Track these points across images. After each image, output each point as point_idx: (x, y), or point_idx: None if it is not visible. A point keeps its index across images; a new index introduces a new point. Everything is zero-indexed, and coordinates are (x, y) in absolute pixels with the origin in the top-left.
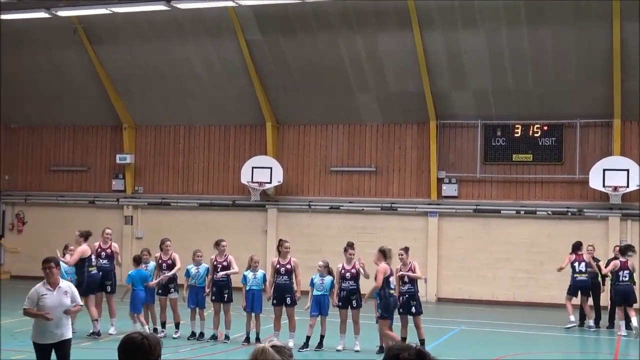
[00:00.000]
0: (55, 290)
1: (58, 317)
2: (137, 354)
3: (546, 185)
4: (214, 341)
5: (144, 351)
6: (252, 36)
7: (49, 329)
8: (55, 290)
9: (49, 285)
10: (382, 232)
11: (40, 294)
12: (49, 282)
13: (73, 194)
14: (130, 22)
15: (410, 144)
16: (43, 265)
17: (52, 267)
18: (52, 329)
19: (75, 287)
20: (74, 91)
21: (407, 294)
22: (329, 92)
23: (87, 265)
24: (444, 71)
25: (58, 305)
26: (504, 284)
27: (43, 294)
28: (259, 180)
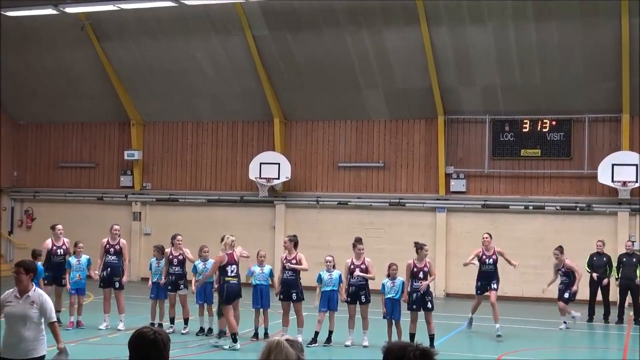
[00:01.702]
0: (22, 299)
1: (19, 329)
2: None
3: (554, 181)
4: (222, 337)
5: (158, 347)
6: (260, 32)
7: (13, 342)
8: (22, 299)
9: (18, 292)
10: (390, 228)
11: (6, 300)
12: (18, 289)
13: (81, 191)
14: (138, 19)
15: (418, 139)
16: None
17: (20, 272)
18: (15, 342)
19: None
20: (81, 88)
21: (419, 291)
22: (337, 88)
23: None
24: (452, 67)
25: (20, 316)
26: (512, 280)
27: (9, 302)
28: (267, 176)
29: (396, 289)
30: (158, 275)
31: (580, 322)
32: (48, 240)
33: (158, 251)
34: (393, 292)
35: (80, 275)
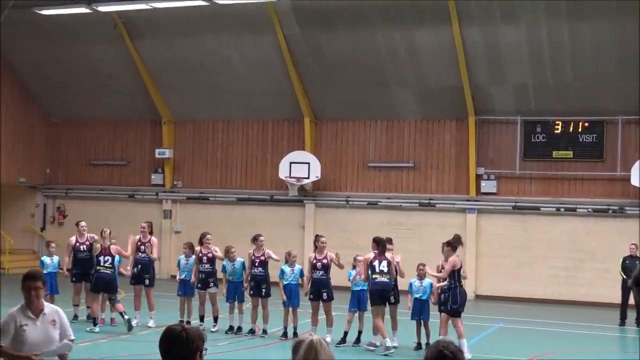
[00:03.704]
0: (40, 319)
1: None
2: (174, 344)
3: (587, 183)
4: (252, 335)
5: (181, 342)
6: (290, 31)
7: None
8: (39, 319)
9: (30, 311)
10: (420, 229)
11: (19, 324)
12: (30, 307)
13: (113, 188)
14: (170, 17)
15: (449, 139)
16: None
17: (38, 288)
18: None
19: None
20: (114, 86)
21: (448, 291)
22: (367, 87)
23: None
24: (483, 66)
25: (44, 340)
26: (543, 282)
27: (23, 325)
28: (297, 176)
29: (424, 289)
30: (186, 272)
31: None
32: (72, 237)
33: (188, 248)
34: (421, 292)
35: None
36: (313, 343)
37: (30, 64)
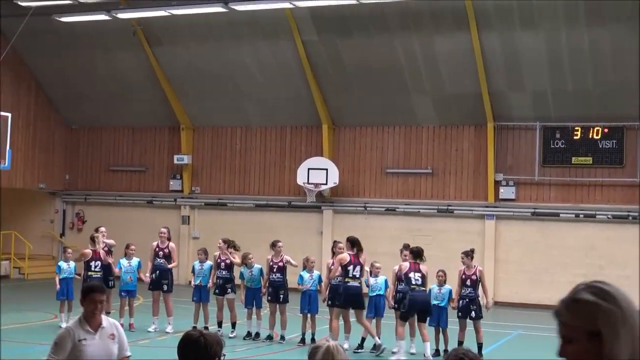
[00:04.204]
0: (98, 333)
1: None
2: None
3: (606, 189)
4: (269, 341)
5: (199, 347)
6: (309, 37)
7: None
8: (97, 333)
9: (89, 325)
10: (439, 235)
11: (77, 338)
12: (90, 321)
13: (131, 194)
14: (188, 24)
15: (467, 145)
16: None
17: (103, 301)
18: None
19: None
20: (132, 92)
21: (467, 298)
22: (385, 94)
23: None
24: (502, 72)
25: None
26: (562, 288)
27: (82, 339)
28: (315, 182)
29: (443, 296)
30: (201, 278)
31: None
32: None
33: (203, 254)
34: (440, 299)
35: (131, 277)
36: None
37: (49, 71)
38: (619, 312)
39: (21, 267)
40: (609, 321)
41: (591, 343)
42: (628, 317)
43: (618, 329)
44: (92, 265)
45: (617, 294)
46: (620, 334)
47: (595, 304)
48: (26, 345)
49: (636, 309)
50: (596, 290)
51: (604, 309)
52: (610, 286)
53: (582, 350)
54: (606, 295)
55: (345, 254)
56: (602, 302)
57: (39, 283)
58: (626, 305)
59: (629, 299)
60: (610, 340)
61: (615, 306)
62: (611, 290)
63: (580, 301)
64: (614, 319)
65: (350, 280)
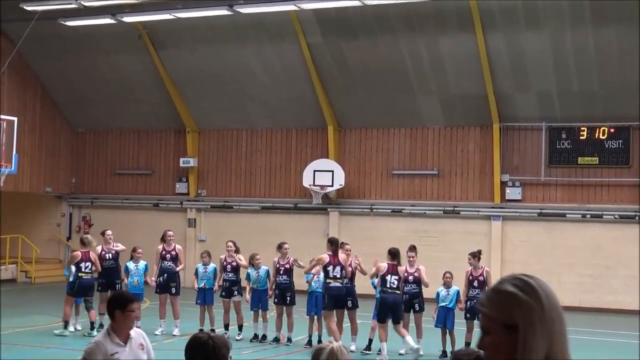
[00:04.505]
0: (128, 345)
1: None
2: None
3: (613, 189)
4: (276, 344)
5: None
6: (314, 39)
7: None
8: (127, 345)
9: (118, 337)
10: (445, 236)
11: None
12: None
13: (138, 197)
14: (193, 27)
15: (473, 146)
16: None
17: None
18: None
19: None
20: (138, 95)
21: (474, 299)
22: (391, 95)
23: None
24: (507, 73)
25: None
26: (569, 289)
27: (113, 353)
28: (321, 184)
29: (450, 297)
30: (206, 281)
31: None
32: (98, 246)
33: (208, 256)
34: (447, 301)
35: (139, 280)
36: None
37: (55, 75)
38: (538, 306)
39: (28, 270)
40: (525, 314)
41: (508, 336)
42: (547, 312)
43: (534, 323)
44: (83, 266)
45: (540, 288)
46: (536, 329)
47: (514, 296)
48: (32, 348)
49: (558, 306)
50: (519, 282)
51: (522, 301)
52: (535, 280)
53: (498, 343)
54: (527, 287)
55: (325, 254)
56: (521, 295)
57: (46, 287)
58: (547, 300)
59: (553, 294)
60: (525, 334)
61: (535, 300)
62: (534, 284)
63: (501, 292)
64: (531, 312)
65: (331, 281)
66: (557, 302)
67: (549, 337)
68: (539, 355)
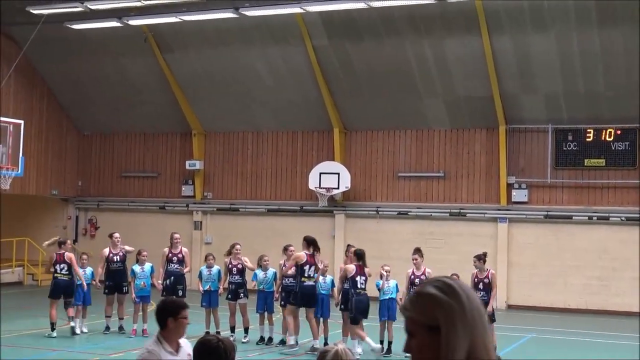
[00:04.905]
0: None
1: None
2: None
3: (619, 191)
4: (282, 346)
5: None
6: (319, 42)
7: None
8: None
9: (169, 345)
10: (451, 238)
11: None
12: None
13: (144, 200)
14: (199, 30)
15: (479, 149)
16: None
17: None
18: None
19: None
20: (144, 98)
21: None
22: (396, 97)
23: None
24: (513, 75)
25: None
26: (575, 291)
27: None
28: (327, 186)
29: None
30: (210, 283)
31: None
32: (105, 249)
33: (213, 258)
34: None
35: (145, 283)
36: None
37: (61, 78)
38: (458, 307)
39: (34, 273)
40: (446, 315)
41: (431, 337)
42: (468, 313)
43: (456, 323)
44: (58, 268)
45: (461, 289)
46: (457, 329)
47: (435, 298)
48: (38, 351)
49: (479, 306)
50: (440, 284)
51: (442, 303)
52: (456, 282)
53: (423, 345)
54: (448, 289)
55: (302, 253)
56: (442, 296)
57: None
58: (468, 301)
59: (474, 295)
60: (447, 335)
61: (455, 301)
62: (455, 285)
63: (422, 295)
64: (452, 313)
65: (306, 279)
66: (478, 303)
67: (471, 337)
68: (461, 355)
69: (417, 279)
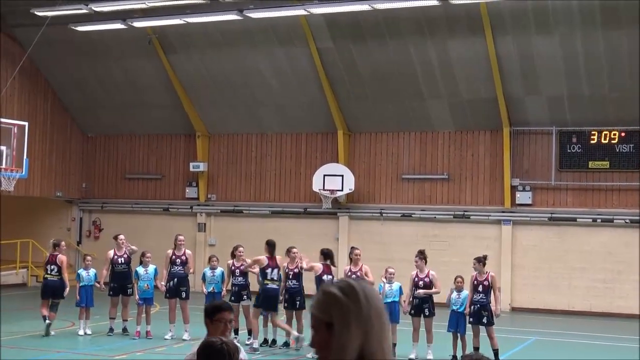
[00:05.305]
0: None
1: None
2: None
3: (624, 193)
4: (286, 348)
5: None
6: (323, 44)
7: None
8: None
9: None
10: (455, 241)
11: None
12: None
13: (148, 202)
14: (203, 32)
15: (483, 151)
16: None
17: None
18: None
19: None
20: (148, 100)
21: (478, 304)
22: (401, 99)
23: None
24: (517, 77)
25: None
26: (580, 294)
27: None
28: (331, 188)
29: (461, 301)
30: (214, 285)
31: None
32: (110, 250)
33: (217, 260)
34: (458, 305)
35: (148, 285)
36: None
37: (66, 80)
38: (354, 307)
39: (39, 275)
40: (340, 313)
41: (329, 335)
42: (365, 313)
43: (349, 322)
44: (49, 268)
45: (361, 290)
46: (350, 328)
47: (334, 297)
48: (43, 352)
49: (378, 308)
50: (342, 284)
51: (339, 301)
52: (359, 283)
53: (323, 341)
54: (348, 289)
55: (264, 257)
56: (340, 296)
57: None
58: (366, 301)
59: (374, 297)
60: (339, 333)
61: (352, 300)
62: (356, 286)
63: (324, 293)
64: (347, 312)
65: (269, 282)
66: (378, 305)
67: (365, 336)
68: (351, 354)
69: (420, 282)
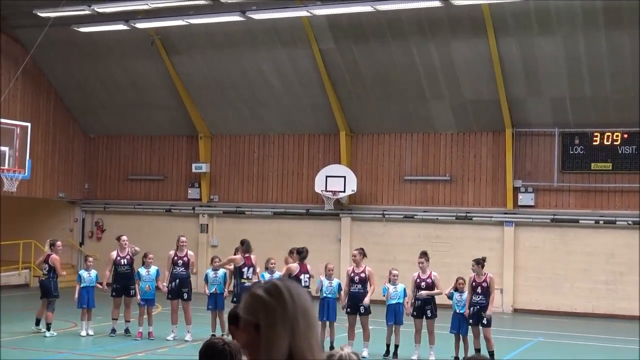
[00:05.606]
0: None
1: None
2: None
3: (626, 195)
4: None
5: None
6: (326, 45)
7: None
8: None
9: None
10: (457, 242)
11: None
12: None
13: (150, 203)
14: (206, 33)
15: (486, 152)
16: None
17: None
18: None
19: None
20: (151, 101)
21: (477, 305)
22: (403, 101)
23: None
24: (520, 78)
25: None
26: (582, 295)
27: None
28: (333, 189)
29: (463, 303)
30: (216, 286)
31: None
32: (114, 251)
33: (219, 261)
34: (461, 306)
35: (150, 286)
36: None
37: (68, 81)
38: (280, 308)
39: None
40: (266, 315)
41: (257, 335)
42: (290, 314)
43: (275, 323)
44: (43, 268)
45: (287, 291)
46: (276, 328)
47: (260, 299)
48: (45, 353)
49: (305, 308)
50: (269, 286)
51: (265, 302)
52: (286, 284)
53: (251, 341)
54: (274, 290)
55: (239, 256)
56: (265, 297)
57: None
58: (292, 302)
59: (302, 298)
60: (266, 333)
61: (278, 301)
62: (282, 287)
63: (251, 295)
64: (272, 313)
65: (245, 281)
66: (305, 305)
67: (292, 336)
68: (280, 354)
69: (422, 283)
